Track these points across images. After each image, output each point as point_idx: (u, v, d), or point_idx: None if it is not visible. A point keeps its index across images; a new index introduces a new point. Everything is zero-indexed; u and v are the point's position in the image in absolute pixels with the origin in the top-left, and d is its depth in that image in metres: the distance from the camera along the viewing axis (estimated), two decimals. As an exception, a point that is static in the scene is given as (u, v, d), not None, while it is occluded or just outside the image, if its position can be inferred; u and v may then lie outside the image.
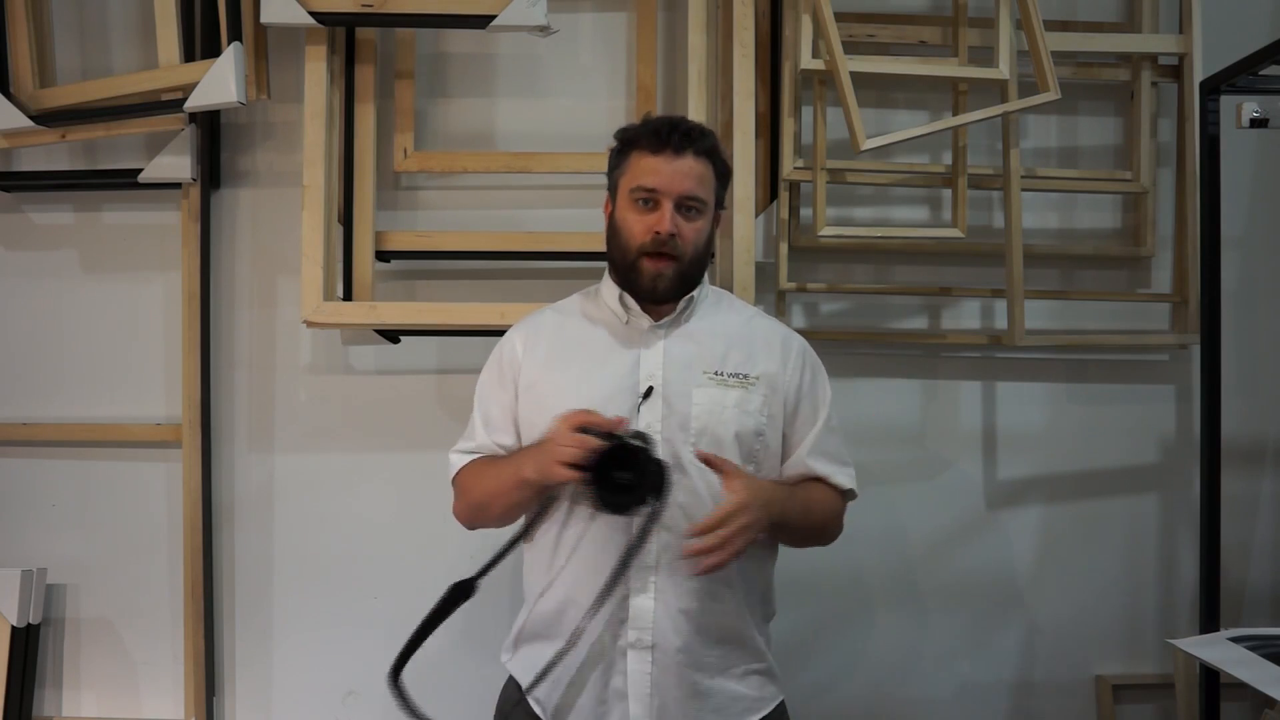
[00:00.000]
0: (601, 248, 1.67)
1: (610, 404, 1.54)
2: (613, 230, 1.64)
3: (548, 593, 1.59)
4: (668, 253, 1.57)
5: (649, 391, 1.56)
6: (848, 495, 1.70)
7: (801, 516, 1.60)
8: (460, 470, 1.67)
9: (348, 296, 2.24)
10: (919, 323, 2.45)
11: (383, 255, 2.31)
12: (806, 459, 1.65)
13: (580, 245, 2.28)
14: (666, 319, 1.63)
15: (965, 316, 2.46)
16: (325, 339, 2.37)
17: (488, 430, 1.66)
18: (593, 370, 1.60)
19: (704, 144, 1.60)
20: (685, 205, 1.58)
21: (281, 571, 2.36)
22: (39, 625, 2.31)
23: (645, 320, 1.63)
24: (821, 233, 2.25)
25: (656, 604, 1.54)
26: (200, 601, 2.29)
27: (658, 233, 1.56)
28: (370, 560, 2.36)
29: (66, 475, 2.37)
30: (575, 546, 1.56)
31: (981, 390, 2.45)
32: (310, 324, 2.16)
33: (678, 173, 1.57)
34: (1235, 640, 1.85)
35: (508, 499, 1.58)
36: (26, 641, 2.27)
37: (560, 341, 1.65)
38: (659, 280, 1.58)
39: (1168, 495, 2.47)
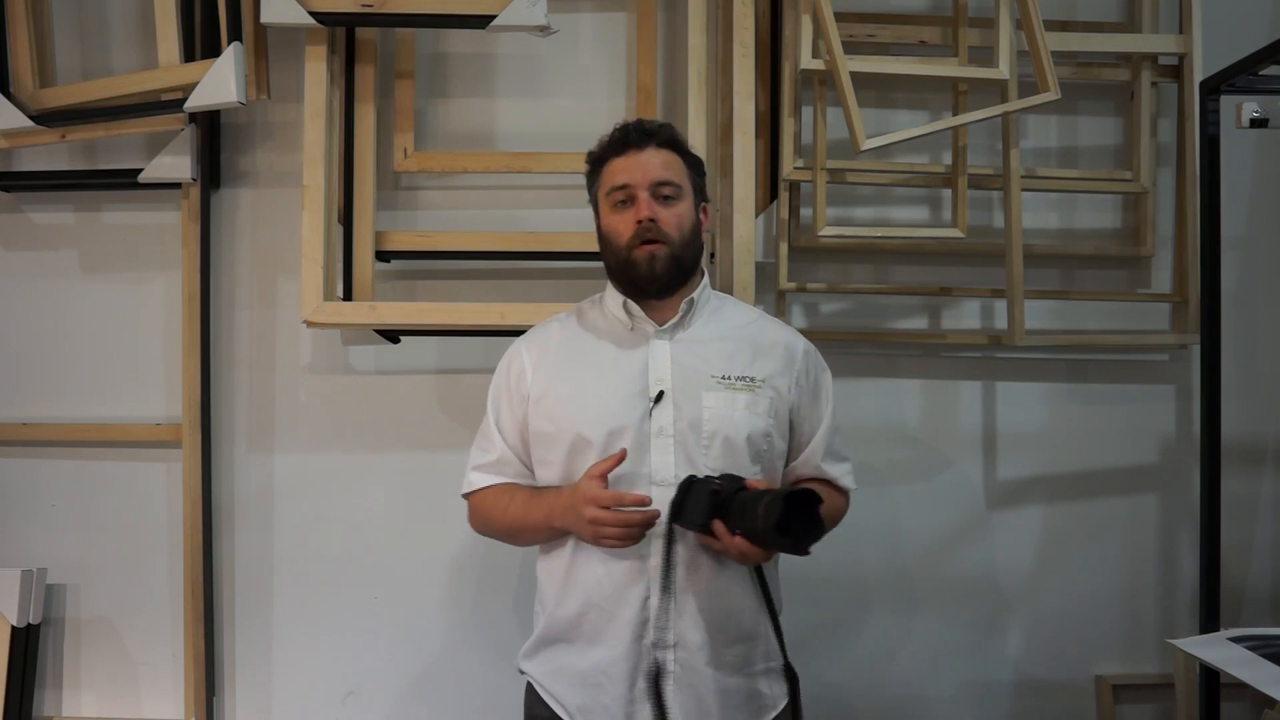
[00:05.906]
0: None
1: (621, 410, 1.57)
2: (603, 240, 1.68)
3: (565, 598, 1.61)
4: (653, 238, 1.61)
5: (660, 396, 1.58)
6: (849, 493, 1.76)
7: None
8: (480, 492, 1.69)
9: (348, 296, 2.24)
10: (919, 323, 2.45)
11: (383, 255, 2.31)
12: (820, 463, 1.70)
13: (580, 245, 2.27)
14: (670, 323, 1.65)
15: (965, 316, 2.46)
16: (325, 339, 2.37)
17: (505, 441, 1.68)
18: (602, 378, 1.62)
19: (662, 135, 1.66)
20: (660, 193, 1.62)
21: (281, 571, 2.36)
22: (39, 625, 2.31)
23: (650, 325, 1.65)
24: (821, 233, 2.25)
25: (675, 604, 1.55)
26: (200, 601, 2.30)
27: (639, 221, 1.60)
28: (370, 560, 2.36)
29: (66, 475, 2.37)
30: (592, 551, 1.57)
31: (981, 390, 2.45)
32: (310, 324, 2.16)
33: (644, 164, 1.63)
34: (1235, 640, 1.84)
35: (536, 537, 1.65)
36: (26, 641, 2.27)
37: (567, 352, 1.67)
38: (654, 262, 1.61)
39: (1168, 495, 2.47)
